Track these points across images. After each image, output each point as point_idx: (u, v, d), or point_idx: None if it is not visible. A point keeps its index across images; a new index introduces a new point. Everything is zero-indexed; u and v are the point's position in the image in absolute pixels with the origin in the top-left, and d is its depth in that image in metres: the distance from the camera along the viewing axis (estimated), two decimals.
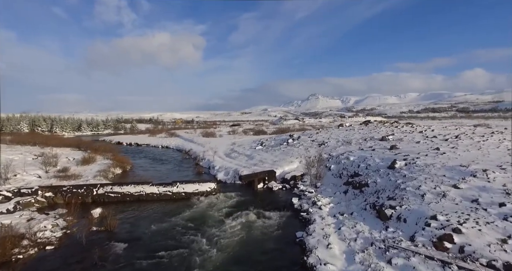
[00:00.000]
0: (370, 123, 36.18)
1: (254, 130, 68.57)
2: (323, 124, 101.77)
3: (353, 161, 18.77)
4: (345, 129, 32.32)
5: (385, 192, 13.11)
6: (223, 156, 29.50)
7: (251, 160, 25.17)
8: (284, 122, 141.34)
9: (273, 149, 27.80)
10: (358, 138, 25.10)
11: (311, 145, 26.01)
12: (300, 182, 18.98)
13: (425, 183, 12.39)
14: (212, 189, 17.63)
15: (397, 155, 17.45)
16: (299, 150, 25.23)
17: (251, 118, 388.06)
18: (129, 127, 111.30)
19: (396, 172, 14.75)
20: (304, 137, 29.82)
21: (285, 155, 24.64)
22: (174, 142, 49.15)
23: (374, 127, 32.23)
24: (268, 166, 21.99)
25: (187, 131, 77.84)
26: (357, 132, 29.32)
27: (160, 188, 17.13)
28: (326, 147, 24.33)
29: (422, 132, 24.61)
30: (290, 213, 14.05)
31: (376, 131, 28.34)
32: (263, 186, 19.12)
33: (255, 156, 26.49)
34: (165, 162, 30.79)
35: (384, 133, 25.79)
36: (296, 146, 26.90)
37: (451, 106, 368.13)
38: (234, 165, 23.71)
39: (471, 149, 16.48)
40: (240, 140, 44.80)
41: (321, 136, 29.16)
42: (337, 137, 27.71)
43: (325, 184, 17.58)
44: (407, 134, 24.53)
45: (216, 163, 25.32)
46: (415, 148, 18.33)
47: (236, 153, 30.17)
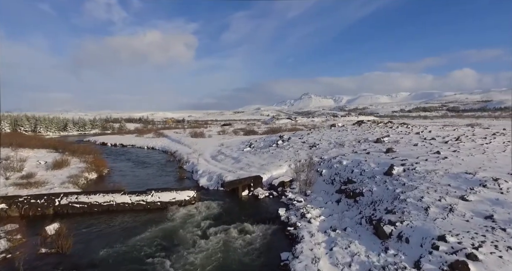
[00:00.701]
0: (363, 123, 34.89)
1: (244, 130, 66.92)
2: (315, 124, 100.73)
3: (346, 166, 17.27)
4: (337, 130, 30.88)
5: (383, 203, 11.59)
6: (208, 159, 27.77)
7: (238, 164, 23.50)
8: (276, 121, 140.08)
9: (261, 152, 26.17)
10: (351, 139, 23.65)
11: (301, 147, 24.46)
12: (288, 188, 17.39)
13: (428, 193, 10.90)
14: (191, 198, 15.91)
15: (394, 160, 15.99)
16: (289, 152, 23.65)
17: (244, 117, 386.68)
18: (117, 127, 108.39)
19: (394, 179, 13.27)
20: (295, 139, 28.27)
21: (273, 158, 23.03)
22: (160, 143, 47.14)
23: (367, 127, 30.87)
24: (255, 171, 20.36)
25: (177, 131, 75.74)
26: (350, 133, 27.89)
27: (133, 197, 15.32)
28: (317, 149, 22.80)
29: (419, 134, 23.27)
30: (276, 226, 12.43)
31: (370, 132, 26.95)
32: (248, 194, 17.47)
33: (242, 159, 24.83)
34: (147, 165, 28.87)
35: (379, 135, 24.40)
36: (286, 148, 25.33)
37: (442, 106, 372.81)
38: (219, 169, 22.01)
39: (475, 153, 15.10)
40: (229, 141, 43.10)
41: (312, 137, 27.64)
42: (329, 138, 26.23)
43: (315, 192, 16.03)
44: (403, 135, 23.17)
45: (200, 166, 23.57)
46: (413, 152, 16.91)
47: (222, 155, 28.46)
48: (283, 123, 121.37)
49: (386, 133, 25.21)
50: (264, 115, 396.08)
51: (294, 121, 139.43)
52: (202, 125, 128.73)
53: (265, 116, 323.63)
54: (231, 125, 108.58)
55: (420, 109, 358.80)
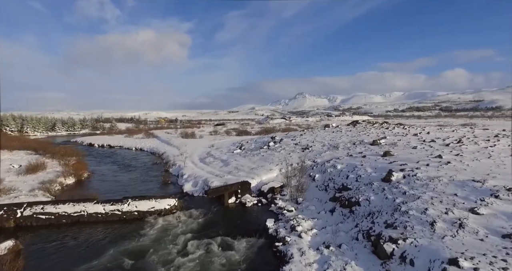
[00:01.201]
0: (358, 123, 33.77)
1: (237, 131, 65.54)
2: (309, 124, 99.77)
3: (341, 170, 16.04)
4: (331, 131, 29.68)
5: (382, 215, 10.35)
6: (196, 161, 26.35)
7: (226, 167, 22.13)
8: (270, 121, 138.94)
9: (252, 154, 24.83)
10: (346, 141, 22.44)
11: (294, 150, 23.19)
12: (279, 195, 16.08)
13: (433, 205, 9.69)
14: (171, 207, 14.51)
15: (392, 164, 14.80)
16: (280, 155, 22.36)
17: (238, 117, 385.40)
18: (108, 127, 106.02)
19: (393, 186, 12.05)
20: (287, 140, 26.99)
21: (264, 161, 21.71)
22: (149, 144, 45.51)
23: (363, 128, 29.74)
24: (244, 175, 19.03)
25: (168, 131, 74.03)
26: (344, 134, 26.71)
27: (107, 206, 13.86)
28: (310, 152, 21.55)
29: (417, 135, 22.14)
30: (263, 241, 11.11)
31: (365, 133, 25.79)
32: (235, 201, 16.11)
33: (231, 162, 23.46)
34: (132, 169, 27.31)
35: (375, 136, 23.25)
36: (278, 150, 24.03)
37: (435, 105, 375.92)
38: (206, 174, 20.62)
39: (480, 157, 13.95)
40: (220, 141, 41.71)
41: (305, 139, 26.39)
42: (322, 140, 25.00)
43: (308, 199, 14.75)
44: (400, 137, 22.03)
45: (186, 170, 22.14)
46: (413, 155, 15.72)
47: (211, 158, 27.06)
48: (277, 123, 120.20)
49: (383, 134, 24.08)
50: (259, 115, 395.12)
51: (288, 121, 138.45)
52: (195, 125, 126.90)
53: (259, 116, 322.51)
54: (224, 125, 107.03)
55: (414, 109, 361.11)
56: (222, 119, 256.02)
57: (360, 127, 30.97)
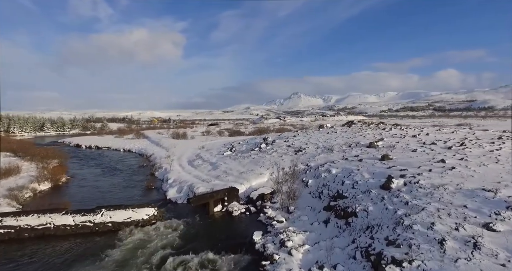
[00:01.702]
0: (353, 124, 32.66)
1: (230, 131, 64.17)
2: (304, 124, 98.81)
3: (336, 176, 14.84)
4: (326, 132, 28.51)
5: (382, 229, 9.15)
6: (184, 164, 24.99)
7: (215, 171, 20.81)
8: (265, 121, 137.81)
9: (242, 156, 23.54)
10: (341, 143, 21.28)
11: (286, 152, 21.96)
12: (269, 203, 14.82)
13: (440, 218, 8.52)
14: (150, 217, 13.16)
15: (391, 169, 13.64)
16: (272, 158, 21.11)
17: (233, 116, 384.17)
18: (99, 127, 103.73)
19: (393, 195, 10.87)
20: (279, 141, 25.76)
21: (254, 164, 20.43)
22: (138, 145, 43.92)
23: (358, 129, 28.64)
24: (232, 180, 17.74)
25: (160, 131, 72.39)
26: (339, 135, 25.56)
27: (77, 217, 12.46)
28: (303, 154, 20.33)
29: (416, 137, 21.04)
30: (249, 258, 9.85)
31: (361, 134, 24.67)
32: (221, 209, 14.81)
33: (220, 165, 22.15)
34: (116, 172, 25.81)
35: (372, 138, 22.13)
36: (269, 152, 22.77)
37: (428, 105, 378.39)
38: (192, 178, 19.29)
39: (487, 162, 12.85)
40: (212, 142, 40.35)
41: (298, 141, 25.17)
42: (316, 141, 23.81)
43: (300, 208, 13.52)
44: (398, 139, 20.93)
45: (171, 175, 20.78)
46: (413, 160, 14.58)
47: (200, 160, 25.71)
48: (271, 122, 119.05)
49: (379, 136, 22.98)
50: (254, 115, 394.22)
51: (282, 120, 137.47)
52: (188, 125, 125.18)
53: (254, 116, 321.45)
54: (218, 125, 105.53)
55: (408, 108, 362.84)
56: (217, 119, 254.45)
57: (356, 128, 29.87)
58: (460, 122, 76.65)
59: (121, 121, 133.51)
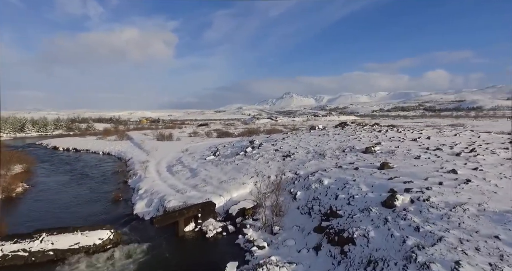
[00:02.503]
0: (346, 125, 30.69)
1: (220, 132, 61.74)
2: (295, 124, 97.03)
3: (329, 187, 12.75)
4: (317, 134, 26.42)
5: (389, 267, 7.05)
6: (162, 170, 22.63)
7: (193, 179, 18.52)
8: (256, 121, 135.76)
9: (225, 162, 21.30)
10: (334, 148, 19.20)
11: (273, 157, 19.79)
12: (250, 220, 12.63)
13: (466, 255, 6.45)
14: (105, 241, 10.83)
15: (393, 181, 11.60)
16: (258, 164, 18.93)
17: (225, 116, 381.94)
18: (84, 128, 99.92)
19: (399, 216, 8.80)
20: (267, 145, 23.57)
21: (237, 171, 18.21)
22: (119, 148, 41.19)
23: (352, 131, 26.65)
24: (211, 190, 15.51)
25: (146, 132, 69.44)
26: (332, 138, 23.49)
27: (8, 245, 10.02)
28: (292, 161, 18.20)
29: (417, 141, 19.10)
30: None
31: (356, 137, 22.65)
32: (193, 228, 12.55)
33: (200, 171, 19.89)
34: (86, 180, 23.23)
35: (367, 141, 20.10)
36: (255, 157, 20.59)
37: (419, 105, 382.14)
38: (166, 188, 16.97)
39: (507, 173, 10.88)
40: (197, 145, 37.96)
41: (287, 144, 23.02)
42: (307, 145, 21.70)
43: (286, 228, 11.36)
44: (397, 143, 18.92)
45: (144, 183, 18.41)
46: (418, 169, 12.55)
47: (180, 165, 23.39)
48: (262, 123, 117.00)
49: (376, 139, 20.99)
50: (246, 115, 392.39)
51: (274, 121, 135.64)
52: (178, 125, 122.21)
53: (246, 116, 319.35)
54: (208, 125, 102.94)
55: (399, 108, 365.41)
56: (208, 119, 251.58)
57: (349, 129, 27.88)
58: (452, 122, 75.88)
59: (108, 122, 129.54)
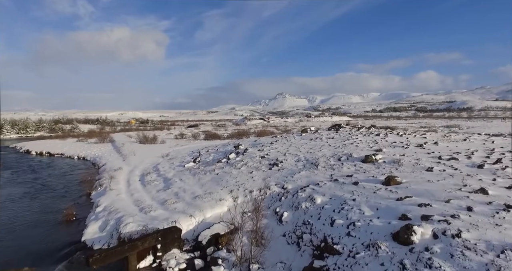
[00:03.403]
0: (341, 128, 28.21)
1: (208, 134, 58.92)
2: (287, 125, 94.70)
3: (322, 208, 10.22)
4: (309, 138, 23.82)
5: None
6: (134, 180, 19.89)
7: (164, 192, 15.80)
8: (248, 122, 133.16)
9: (204, 171, 18.65)
10: (328, 155, 16.65)
11: (258, 166, 17.19)
12: (224, 250, 10.00)
13: None
14: None
15: (404, 202, 9.09)
16: (240, 174, 16.31)
17: (217, 117, 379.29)
18: (69, 129, 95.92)
19: (420, 261, 6.28)
20: (253, 151, 20.95)
21: (216, 184, 15.55)
22: (96, 152, 38.11)
23: (347, 134, 24.14)
24: (181, 208, 12.85)
25: (131, 134, 66.22)
26: (326, 143, 20.94)
27: None
28: (279, 171, 15.60)
29: (423, 147, 16.51)
30: None
31: (352, 142, 20.13)
32: (151, 264, 9.87)
33: (174, 182, 17.20)
34: (45, 191, 20.28)
35: (366, 147, 17.55)
36: (238, 165, 17.97)
37: (411, 106, 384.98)
38: (128, 205, 14.23)
39: None
40: (181, 148, 35.20)
41: (275, 150, 20.42)
42: (297, 151, 19.11)
43: (268, 265, 8.76)
44: (401, 150, 16.39)
45: (105, 198, 15.64)
46: (433, 186, 10.01)
47: (155, 174, 20.67)
48: (254, 124, 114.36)
49: (375, 144, 18.52)
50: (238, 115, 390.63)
51: (266, 121, 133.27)
52: (168, 126, 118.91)
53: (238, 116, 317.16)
54: (197, 126, 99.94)
55: (391, 109, 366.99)
56: (200, 120, 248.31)
57: (344, 132, 25.37)
58: (447, 123, 74.44)
59: (94, 122, 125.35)
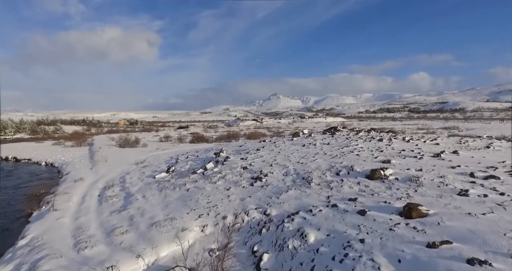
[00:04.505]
0: (337, 131, 25.04)
1: (196, 136, 55.45)
2: (280, 126, 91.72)
3: (317, 252, 7.06)
4: (301, 144, 20.63)
5: None
6: (92, 194, 16.50)
7: (118, 215, 12.48)
8: (240, 123, 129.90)
9: (174, 185, 15.37)
10: (323, 167, 13.49)
11: (238, 180, 13.97)
12: None
13: None
14: None
15: (439, 252, 5.95)
16: (215, 191, 13.08)
17: (210, 118, 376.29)
18: (51, 130, 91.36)
19: None
20: (235, 159, 17.72)
21: (183, 204, 12.28)
22: (68, 157, 34.43)
23: (345, 139, 20.95)
24: (127, 244, 9.57)
25: (115, 136, 62.34)
26: (320, 150, 17.74)
27: None
28: (263, 188, 12.40)
29: (441, 157, 13.08)
30: None
31: (352, 149, 16.97)
32: None
33: (134, 201, 13.90)
34: None
35: (370, 156, 14.32)
36: (214, 178, 14.73)
37: (404, 107, 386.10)
38: (63, 236, 10.90)
39: None
40: (160, 153, 31.83)
41: (261, 158, 17.19)
42: (286, 161, 15.90)
43: None
44: (415, 161, 13.09)
45: (39, 224, 12.26)
46: (478, 222, 6.88)
47: (119, 187, 17.33)
48: (246, 125, 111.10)
49: (379, 152, 15.38)
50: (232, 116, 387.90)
51: (259, 122, 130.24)
52: (158, 127, 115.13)
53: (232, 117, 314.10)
54: (188, 127, 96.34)
55: (384, 110, 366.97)
56: (193, 121, 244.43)
57: (341, 137, 22.22)
58: (444, 124, 72.20)
59: (81, 124, 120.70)
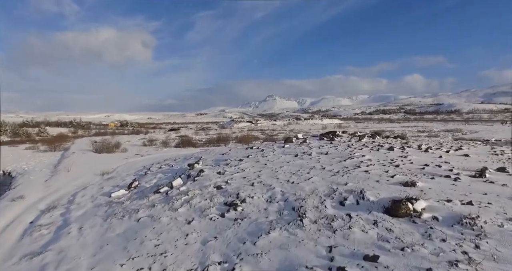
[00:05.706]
0: (336, 136, 21.42)
1: (183, 140, 51.71)
2: (275, 128, 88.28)
3: None
4: (294, 153, 16.97)
5: None
6: (18, 223, 12.77)
7: (28, 263, 8.78)
8: (235, 124, 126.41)
9: (126, 210, 11.71)
10: (321, 190, 9.93)
11: (207, 206, 10.34)
12: None
13: None
14: None
15: None
16: (171, 225, 9.45)
17: (205, 119, 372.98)
18: (35, 133, 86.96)
19: None
20: (210, 173, 14.10)
21: (122, 248, 8.59)
22: (32, 164, 30.51)
23: (346, 146, 17.32)
24: None
25: (97, 139, 58.39)
26: (317, 162, 14.14)
27: None
28: (236, 221, 8.80)
29: (486, 177, 9.69)
30: None
31: (357, 162, 13.39)
32: None
33: (63, 236, 10.21)
34: None
35: (383, 175, 10.64)
36: (177, 203, 11.11)
37: (399, 108, 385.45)
38: None
39: None
40: (139, 159, 28.17)
41: (241, 173, 13.56)
42: (273, 179, 12.26)
43: None
44: (450, 183, 9.59)
45: None
46: None
47: (62, 210, 13.65)
48: (240, 127, 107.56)
49: (394, 167, 11.77)
50: (227, 117, 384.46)
51: (254, 124, 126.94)
52: (149, 129, 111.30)
53: (228, 118, 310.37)
54: (179, 130, 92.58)
55: (380, 111, 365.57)
56: (187, 122, 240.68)
57: (342, 144, 18.58)
58: (444, 127, 69.27)
59: (68, 125, 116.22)
